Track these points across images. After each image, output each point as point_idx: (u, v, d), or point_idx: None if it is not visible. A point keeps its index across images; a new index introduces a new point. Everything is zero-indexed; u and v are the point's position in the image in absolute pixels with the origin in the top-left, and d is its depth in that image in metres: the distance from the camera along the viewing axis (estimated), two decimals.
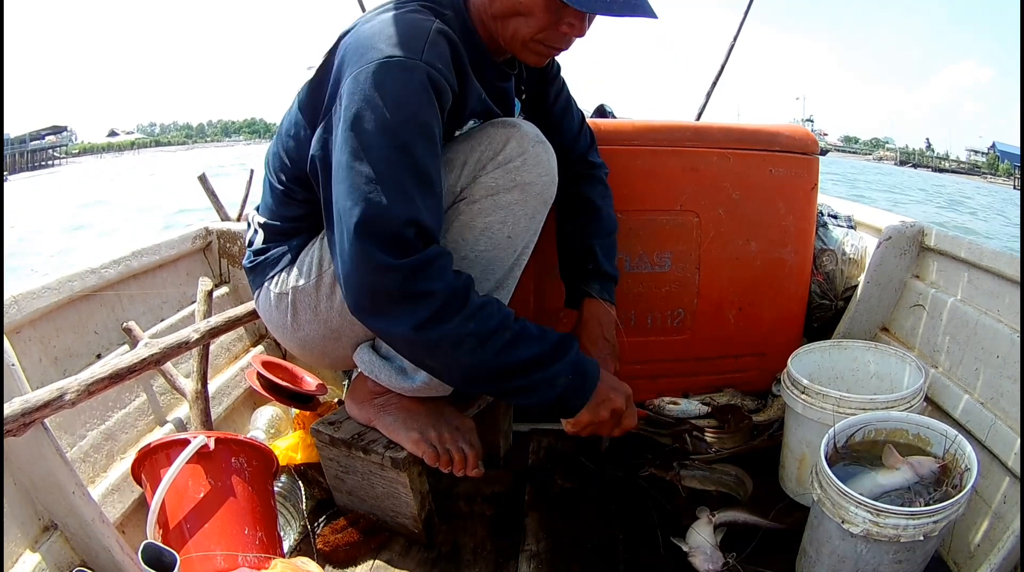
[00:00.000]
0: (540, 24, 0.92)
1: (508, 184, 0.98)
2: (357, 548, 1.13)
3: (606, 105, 1.99)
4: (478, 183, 0.99)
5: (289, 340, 1.13)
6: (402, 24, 0.88)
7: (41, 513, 0.93)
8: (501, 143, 0.99)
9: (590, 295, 1.19)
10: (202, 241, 1.68)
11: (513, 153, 0.99)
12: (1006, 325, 1.15)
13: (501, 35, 0.96)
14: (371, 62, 0.84)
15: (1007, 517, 1.00)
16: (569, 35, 0.94)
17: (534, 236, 1.06)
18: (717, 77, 2.50)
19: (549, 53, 0.98)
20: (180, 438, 1.03)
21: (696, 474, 1.29)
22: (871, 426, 1.05)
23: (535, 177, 1.00)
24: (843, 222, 1.71)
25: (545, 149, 1.02)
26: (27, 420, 0.84)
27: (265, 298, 1.11)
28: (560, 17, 0.91)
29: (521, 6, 0.91)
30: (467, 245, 0.99)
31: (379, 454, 1.08)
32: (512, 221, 1.00)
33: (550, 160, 1.03)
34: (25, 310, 1.09)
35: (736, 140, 1.43)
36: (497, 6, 0.93)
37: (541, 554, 1.11)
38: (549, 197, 1.05)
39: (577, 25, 0.93)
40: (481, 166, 0.99)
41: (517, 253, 1.04)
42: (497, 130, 1.00)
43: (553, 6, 0.90)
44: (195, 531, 0.97)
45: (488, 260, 1.01)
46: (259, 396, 1.46)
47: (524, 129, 1.01)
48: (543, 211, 1.05)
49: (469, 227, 0.99)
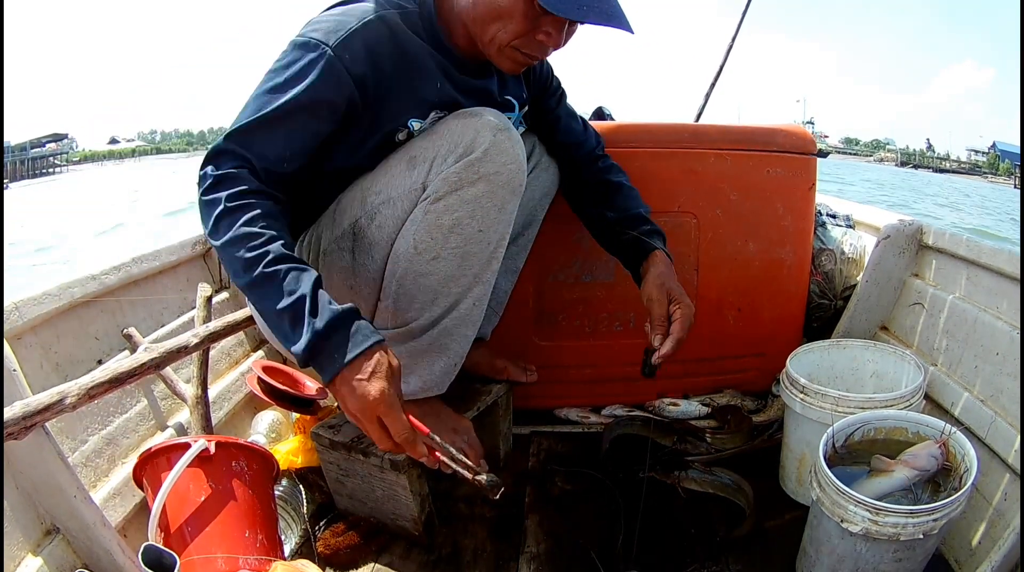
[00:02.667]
0: (517, 30, 0.94)
1: (471, 177, 0.96)
2: (358, 551, 1.13)
3: (604, 107, 2.00)
4: (441, 178, 0.97)
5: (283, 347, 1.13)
6: (340, 12, 0.95)
7: (43, 517, 0.94)
8: (460, 135, 0.97)
9: (656, 248, 1.18)
10: (202, 247, 1.69)
11: (474, 144, 0.96)
12: (1005, 322, 1.15)
13: (480, 39, 0.98)
14: (299, 35, 0.93)
15: (1008, 515, 0.99)
16: (545, 44, 0.96)
17: (508, 227, 1.04)
18: (716, 78, 2.51)
19: (525, 61, 1.00)
20: (181, 442, 1.03)
21: (695, 476, 1.29)
22: (870, 425, 1.05)
23: (499, 166, 0.97)
24: (841, 221, 1.71)
25: (508, 137, 0.98)
26: (28, 423, 0.85)
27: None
28: (538, 25, 0.94)
29: (502, 11, 0.93)
30: (438, 244, 0.99)
31: (379, 457, 1.08)
32: (481, 214, 0.99)
33: (514, 147, 0.99)
34: (26, 316, 1.09)
35: (734, 141, 1.44)
36: (480, 10, 0.96)
37: (541, 556, 1.11)
38: (518, 185, 1.01)
39: (554, 35, 0.95)
40: (443, 160, 0.97)
41: (492, 246, 1.03)
42: (458, 122, 0.99)
43: (531, 13, 0.92)
44: (196, 534, 0.98)
45: (462, 256, 1.00)
46: (260, 401, 1.46)
47: (486, 118, 0.98)
48: (513, 201, 1.02)
49: (438, 226, 0.98)
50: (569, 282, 1.45)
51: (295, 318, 0.82)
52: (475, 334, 1.11)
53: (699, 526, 1.18)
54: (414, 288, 1.02)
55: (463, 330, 1.07)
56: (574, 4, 0.89)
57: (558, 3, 0.88)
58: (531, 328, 1.46)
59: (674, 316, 1.08)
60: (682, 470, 1.29)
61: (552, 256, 1.42)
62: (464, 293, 1.04)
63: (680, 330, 1.07)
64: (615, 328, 1.48)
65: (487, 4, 0.94)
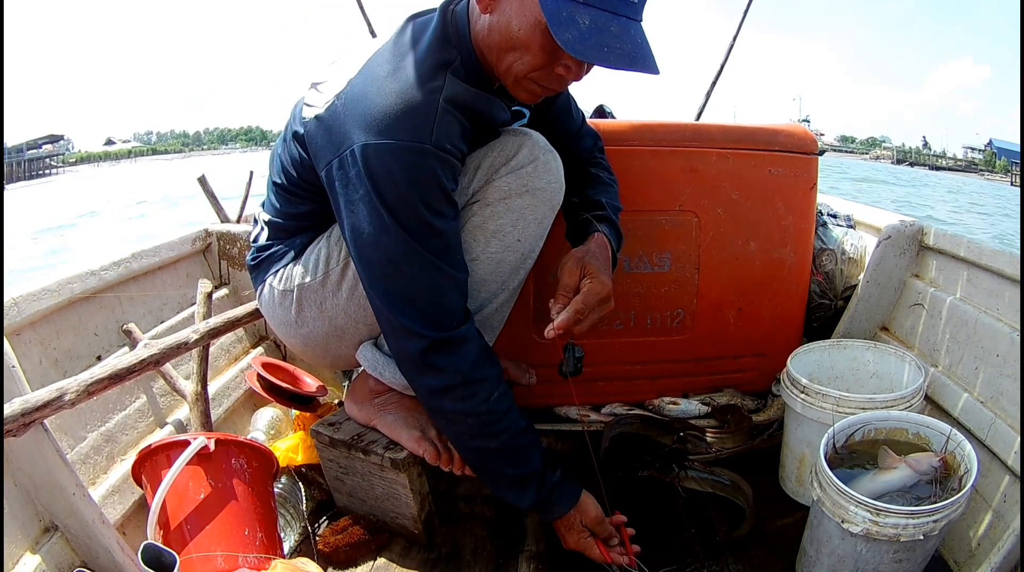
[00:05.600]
0: (535, 63, 0.89)
1: (520, 189, 1.01)
2: (357, 549, 1.13)
3: (605, 105, 1.99)
4: (491, 187, 1.01)
5: (292, 337, 1.13)
6: (410, 99, 0.88)
7: (42, 514, 0.93)
8: (514, 150, 1.02)
9: (598, 231, 1.11)
10: (202, 243, 1.68)
11: (525, 159, 1.01)
12: (1006, 324, 1.15)
13: (496, 67, 0.94)
14: (382, 141, 0.86)
15: (1007, 516, 0.99)
16: (565, 77, 0.91)
17: (540, 241, 1.08)
18: (716, 77, 2.50)
19: (543, 93, 0.95)
20: (180, 439, 1.03)
21: (695, 476, 1.29)
22: (871, 425, 1.05)
23: (545, 183, 1.03)
24: (842, 221, 1.71)
25: (554, 157, 1.05)
26: (27, 420, 0.85)
27: (268, 295, 1.11)
28: (556, 59, 0.88)
29: (518, 41, 0.88)
30: (479, 245, 1.02)
31: (379, 455, 1.08)
32: (522, 224, 1.03)
33: (558, 168, 1.06)
34: (25, 312, 1.09)
35: (735, 140, 1.43)
36: (495, 38, 0.90)
37: (541, 554, 1.11)
38: (557, 203, 1.08)
39: (574, 69, 0.89)
40: (494, 170, 1.01)
41: (524, 256, 1.06)
42: (509, 138, 1.03)
43: (549, 45, 0.85)
44: (195, 532, 0.97)
45: (497, 261, 1.03)
46: (259, 397, 1.46)
47: (535, 138, 1.04)
48: (550, 217, 1.08)
49: (482, 229, 1.01)
50: None
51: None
52: (494, 340, 1.12)
53: (699, 526, 1.18)
54: None
55: (484, 333, 1.07)
56: (596, 45, 0.82)
57: (578, 45, 0.81)
58: (531, 327, 1.46)
59: (581, 287, 0.99)
60: (682, 469, 1.29)
61: (552, 255, 1.41)
62: (491, 298, 1.06)
63: (582, 301, 0.97)
64: (616, 326, 1.48)
65: (502, 33, 0.89)
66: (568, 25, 0.80)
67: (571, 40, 0.80)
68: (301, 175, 1.04)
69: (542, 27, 0.84)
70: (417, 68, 0.91)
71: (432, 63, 0.92)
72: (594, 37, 0.81)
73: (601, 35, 0.82)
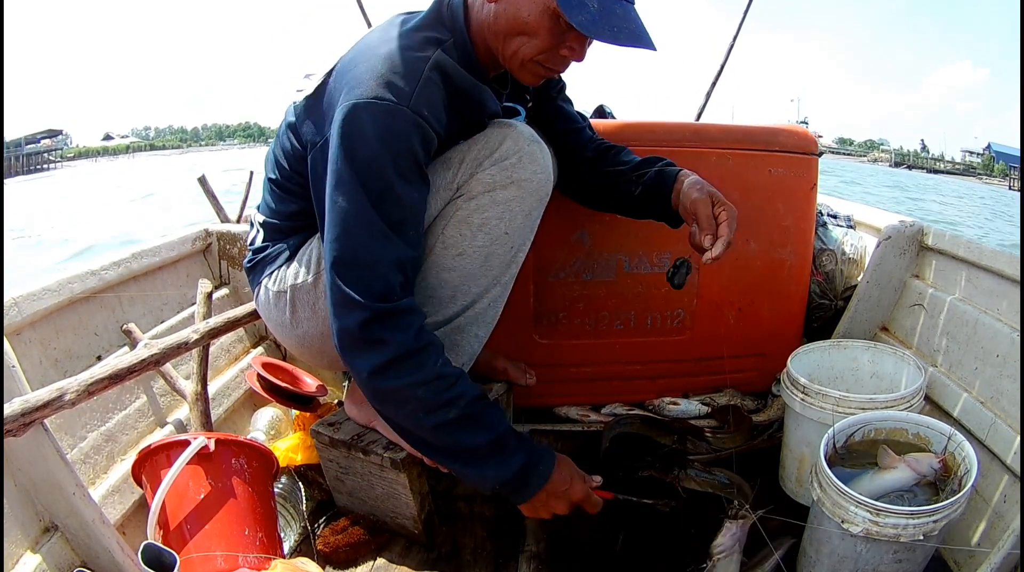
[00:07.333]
0: (542, 46, 0.94)
1: (504, 181, 1.00)
2: (357, 549, 1.13)
3: (605, 106, 2.00)
4: (476, 179, 1.00)
5: (288, 338, 1.13)
6: (396, 61, 0.90)
7: (42, 514, 0.93)
8: (497, 142, 1.01)
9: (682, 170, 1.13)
10: (202, 243, 1.68)
11: (509, 151, 1.00)
12: (1006, 324, 1.15)
13: (501, 52, 0.98)
14: (361, 99, 0.88)
15: (1007, 516, 1.00)
16: (568, 58, 0.97)
17: (530, 234, 1.07)
18: (716, 77, 2.50)
19: (546, 74, 1.00)
20: (180, 439, 1.03)
21: (695, 476, 1.29)
22: (871, 426, 1.05)
23: (531, 174, 1.02)
24: (842, 222, 1.71)
25: (540, 148, 1.03)
26: (27, 420, 0.85)
27: (264, 296, 1.12)
28: (563, 40, 0.94)
29: (527, 26, 0.92)
30: (464, 240, 1.01)
31: (378, 455, 1.08)
32: (509, 217, 1.02)
33: (545, 158, 1.04)
34: (25, 312, 1.09)
35: (735, 140, 1.43)
36: (501, 23, 0.94)
37: (541, 554, 1.11)
38: (544, 194, 1.06)
39: (578, 49, 0.95)
40: (478, 163, 1.00)
41: (514, 250, 1.05)
42: (494, 130, 1.03)
43: (557, 29, 0.92)
44: (195, 532, 0.97)
45: (486, 255, 1.02)
46: (259, 397, 1.46)
47: (519, 129, 1.03)
48: (539, 209, 1.06)
49: (467, 222, 1.01)
50: (570, 281, 1.45)
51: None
52: (487, 337, 1.11)
53: (699, 526, 1.18)
54: (436, 283, 1.03)
55: (476, 330, 1.08)
56: (607, 26, 0.89)
57: (591, 26, 0.88)
58: (531, 327, 1.46)
59: (720, 218, 1.01)
60: (682, 469, 1.29)
61: (552, 255, 1.41)
62: (482, 293, 1.05)
63: (728, 231, 1.00)
64: (616, 326, 1.48)
65: (510, 18, 0.93)
66: (580, 9, 0.87)
67: (585, 22, 0.87)
68: (293, 167, 1.05)
69: (551, 12, 0.90)
70: (408, 38, 0.94)
71: (422, 38, 0.95)
72: (604, 19, 0.89)
73: (610, 17, 0.89)
